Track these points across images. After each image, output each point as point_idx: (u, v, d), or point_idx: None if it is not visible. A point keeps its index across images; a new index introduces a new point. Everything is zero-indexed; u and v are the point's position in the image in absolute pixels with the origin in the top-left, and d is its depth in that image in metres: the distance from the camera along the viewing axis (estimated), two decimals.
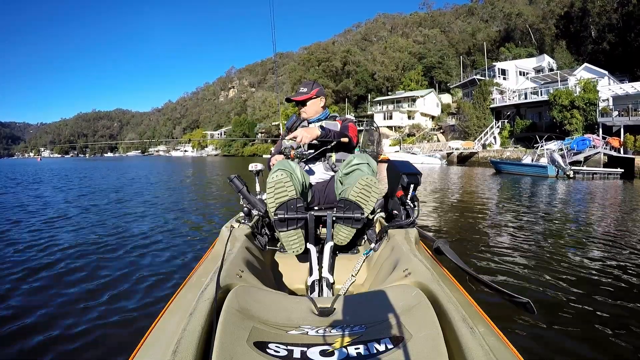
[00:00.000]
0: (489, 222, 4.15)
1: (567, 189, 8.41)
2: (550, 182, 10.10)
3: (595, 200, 6.36)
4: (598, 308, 1.81)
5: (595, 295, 1.96)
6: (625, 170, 12.35)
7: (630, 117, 14.76)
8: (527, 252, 2.82)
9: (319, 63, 42.40)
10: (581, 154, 13.91)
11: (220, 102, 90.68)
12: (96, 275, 2.25)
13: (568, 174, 11.71)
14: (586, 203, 6.07)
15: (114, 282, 2.13)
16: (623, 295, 1.97)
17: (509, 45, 33.31)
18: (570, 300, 1.90)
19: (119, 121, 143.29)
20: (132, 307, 1.79)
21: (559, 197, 6.87)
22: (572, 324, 1.63)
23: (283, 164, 1.21)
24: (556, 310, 1.78)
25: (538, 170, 12.35)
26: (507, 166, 13.98)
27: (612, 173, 12.19)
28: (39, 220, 4.12)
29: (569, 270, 2.37)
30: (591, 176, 11.97)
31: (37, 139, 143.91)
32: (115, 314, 1.71)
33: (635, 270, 2.39)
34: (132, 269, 2.37)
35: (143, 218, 4.23)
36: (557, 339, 1.50)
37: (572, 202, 6.11)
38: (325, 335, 0.64)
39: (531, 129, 19.73)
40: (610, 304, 1.86)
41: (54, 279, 2.19)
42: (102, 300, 1.87)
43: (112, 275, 2.25)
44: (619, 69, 22.45)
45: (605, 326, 1.61)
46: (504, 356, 0.56)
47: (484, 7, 44.06)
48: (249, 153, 46.03)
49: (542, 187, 8.72)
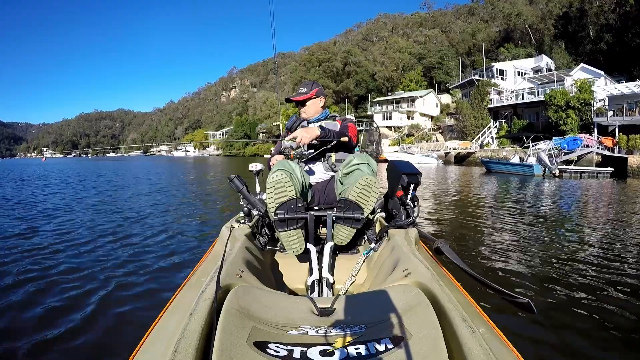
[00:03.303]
0: (481, 220, 4.18)
1: (552, 187, 8.68)
2: (537, 181, 10.38)
3: (579, 198, 6.64)
4: (598, 308, 1.81)
5: (595, 295, 1.96)
6: (617, 169, 12.55)
7: (625, 117, 14.83)
8: (526, 252, 2.82)
9: (320, 63, 42.41)
10: (573, 153, 14.15)
11: (222, 102, 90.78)
12: (96, 275, 2.25)
13: (554, 172, 12.01)
14: (571, 200, 6.29)
15: (114, 282, 2.12)
16: (623, 295, 1.97)
17: (508, 45, 33.34)
18: (570, 300, 1.90)
19: (121, 121, 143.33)
20: (132, 307, 1.79)
21: (544, 195, 7.16)
22: (572, 324, 1.63)
23: (283, 164, 1.20)
24: (556, 310, 1.78)
25: (525, 170, 12.74)
26: (496, 165, 14.42)
27: (601, 172, 12.34)
28: (39, 220, 4.13)
29: (569, 269, 2.37)
30: (579, 175, 12.24)
31: (39, 139, 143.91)
32: (115, 313, 1.71)
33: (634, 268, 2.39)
34: (132, 268, 2.36)
35: (143, 218, 4.23)
36: (557, 339, 1.50)
37: (556, 200, 6.35)
38: (326, 335, 0.64)
39: (528, 129, 19.79)
40: (610, 304, 1.85)
41: (54, 279, 2.18)
42: (102, 300, 1.87)
43: (111, 275, 2.25)
44: (616, 69, 22.46)
45: (605, 326, 1.61)
46: (504, 356, 0.56)
47: (485, 7, 44.12)
48: (250, 153, 46.07)
49: (528, 186, 8.97)
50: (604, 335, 1.54)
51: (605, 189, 8.46)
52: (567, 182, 10.04)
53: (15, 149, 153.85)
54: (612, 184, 9.98)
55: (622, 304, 1.85)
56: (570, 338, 1.51)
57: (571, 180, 10.80)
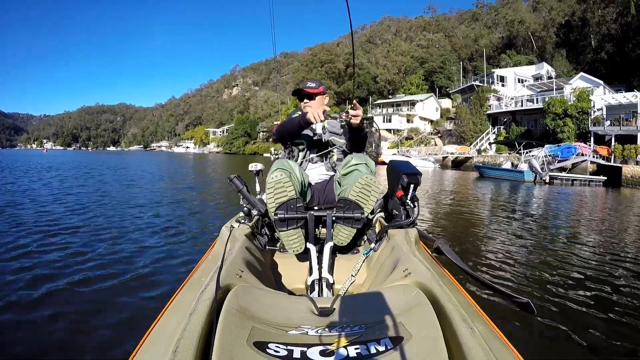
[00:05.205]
0: (476, 221, 4.23)
1: (541, 193, 8.92)
2: (527, 187, 10.62)
3: (567, 204, 6.90)
4: (598, 307, 1.81)
5: (595, 295, 1.97)
6: (610, 178, 12.75)
7: (622, 127, 14.99)
8: (526, 252, 2.83)
9: (322, 64, 42.50)
10: (568, 160, 14.35)
11: (224, 100, 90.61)
12: (96, 275, 2.24)
13: (544, 179, 12.22)
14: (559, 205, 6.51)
15: (114, 282, 2.11)
16: (623, 294, 1.97)
17: (510, 52, 33.54)
18: (570, 299, 1.90)
19: (122, 115, 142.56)
20: (132, 307, 1.78)
21: (534, 199, 7.42)
22: (573, 324, 1.63)
23: (282, 163, 1.21)
24: (556, 310, 1.78)
25: (516, 175, 13.06)
26: (489, 171, 14.79)
27: (593, 180, 12.51)
28: (38, 218, 4.10)
29: (569, 269, 2.38)
30: (570, 182, 12.47)
31: (40, 131, 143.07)
32: (115, 313, 1.71)
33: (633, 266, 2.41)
34: (132, 268, 2.35)
35: (144, 219, 4.21)
36: (557, 339, 1.50)
37: (545, 204, 6.59)
38: (325, 335, 0.64)
39: (526, 136, 19.95)
40: (610, 303, 1.86)
41: (53, 279, 2.16)
42: (102, 300, 1.86)
43: (111, 275, 2.23)
44: (616, 79, 22.62)
45: (605, 326, 1.62)
46: (504, 356, 0.56)
47: (488, 13, 44.31)
48: (250, 151, 45.97)
49: (518, 191, 9.19)
50: (604, 335, 1.54)
51: (596, 196, 8.67)
52: (556, 189, 10.25)
53: (16, 139, 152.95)
54: (604, 192, 10.15)
55: (623, 304, 1.86)
56: (570, 338, 1.51)
57: (562, 187, 10.99)
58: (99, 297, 1.89)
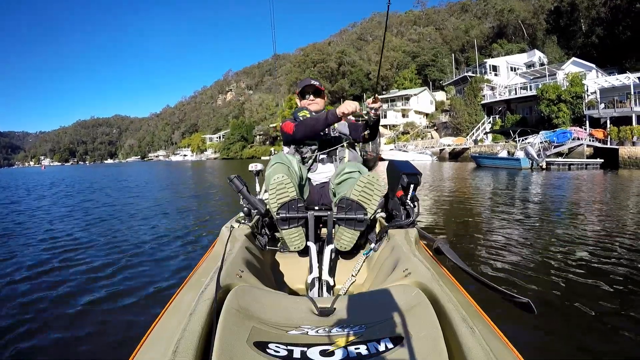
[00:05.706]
0: (474, 214, 4.21)
1: (539, 179, 8.82)
2: (524, 174, 10.48)
3: (564, 190, 6.79)
4: (599, 307, 1.78)
5: (595, 294, 1.94)
6: (608, 160, 12.75)
7: (616, 109, 14.98)
8: (525, 251, 2.81)
9: (315, 64, 42.47)
10: (564, 146, 14.32)
11: (218, 106, 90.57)
12: (96, 275, 2.25)
13: (541, 165, 12.19)
14: (557, 193, 6.39)
15: (114, 282, 2.12)
16: (623, 294, 1.96)
17: (501, 41, 33.56)
18: (570, 299, 1.88)
19: (118, 127, 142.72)
20: (132, 307, 1.78)
21: (532, 186, 7.30)
22: (573, 324, 1.62)
23: (280, 157, 1.21)
24: (556, 310, 1.76)
25: (512, 163, 13.03)
26: (485, 160, 14.72)
27: (590, 164, 12.54)
28: (39, 221, 4.10)
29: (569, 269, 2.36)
30: (567, 167, 12.44)
31: (36, 148, 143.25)
32: (116, 314, 1.71)
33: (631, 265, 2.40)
34: (132, 269, 2.36)
35: (144, 219, 4.23)
36: (558, 338, 1.49)
37: (544, 191, 6.49)
38: (326, 335, 0.65)
39: (522, 124, 19.96)
40: (610, 303, 1.84)
41: (53, 279, 2.18)
42: (102, 300, 1.86)
43: (112, 275, 2.24)
44: (609, 62, 22.62)
45: (605, 326, 1.59)
46: (504, 356, 0.56)
47: (477, 3, 44.39)
48: (248, 156, 45.97)
49: (516, 179, 9.09)
50: (604, 335, 1.53)
51: (593, 179, 8.60)
52: (554, 174, 10.18)
53: (13, 158, 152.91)
54: (602, 174, 10.08)
55: (624, 304, 1.85)
56: (570, 338, 1.50)
57: (559, 172, 10.93)
58: (99, 298, 1.89)
